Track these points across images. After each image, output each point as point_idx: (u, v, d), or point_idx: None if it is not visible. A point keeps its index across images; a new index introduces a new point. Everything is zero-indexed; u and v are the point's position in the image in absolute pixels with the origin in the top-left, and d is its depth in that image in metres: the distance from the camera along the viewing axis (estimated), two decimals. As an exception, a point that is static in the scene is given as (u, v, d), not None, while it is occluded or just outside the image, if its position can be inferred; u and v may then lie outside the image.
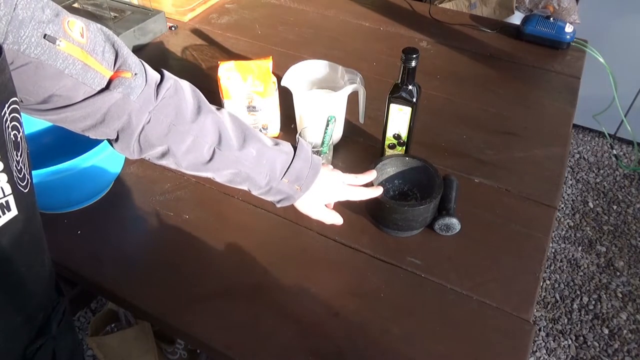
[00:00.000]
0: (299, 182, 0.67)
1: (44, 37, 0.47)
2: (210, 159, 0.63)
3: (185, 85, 0.62)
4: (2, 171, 0.41)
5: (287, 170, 0.66)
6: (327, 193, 0.71)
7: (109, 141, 0.60)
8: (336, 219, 0.75)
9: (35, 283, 0.53)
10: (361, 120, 0.97)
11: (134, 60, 0.56)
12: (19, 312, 0.51)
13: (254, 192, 0.68)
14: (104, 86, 0.53)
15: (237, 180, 0.66)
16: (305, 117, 0.92)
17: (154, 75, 0.59)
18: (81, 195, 0.83)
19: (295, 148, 0.68)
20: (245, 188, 0.68)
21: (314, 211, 0.72)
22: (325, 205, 0.73)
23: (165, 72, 0.60)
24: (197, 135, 0.60)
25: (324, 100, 0.93)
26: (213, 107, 0.64)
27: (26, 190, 0.46)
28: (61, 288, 0.61)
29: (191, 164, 0.63)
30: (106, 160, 0.78)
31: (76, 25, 0.52)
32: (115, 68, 0.54)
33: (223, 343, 0.67)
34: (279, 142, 0.68)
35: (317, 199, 0.71)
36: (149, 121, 0.58)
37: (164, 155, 0.61)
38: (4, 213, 0.43)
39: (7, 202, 0.43)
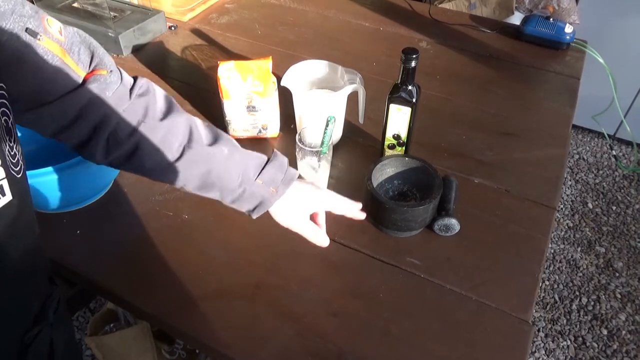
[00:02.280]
0: (274, 184, 0.64)
1: (26, 31, 0.48)
2: (179, 157, 0.60)
3: (158, 90, 0.62)
4: None
5: (261, 172, 0.64)
6: (306, 201, 0.68)
7: (76, 147, 0.59)
8: (321, 238, 0.70)
9: (29, 270, 0.54)
10: (361, 120, 0.97)
11: (109, 60, 0.57)
12: (15, 299, 0.51)
13: (227, 200, 0.65)
14: (79, 83, 0.54)
15: (208, 182, 0.62)
16: (305, 117, 0.92)
17: (129, 78, 0.60)
18: (81, 195, 0.83)
19: (269, 157, 0.66)
20: (216, 195, 0.64)
21: (295, 222, 0.68)
22: (311, 219, 0.70)
23: (139, 77, 0.61)
24: (167, 132, 0.59)
25: (324, 100, 0.93)
26: (183, 112, 0.63)
27: (19, 176, 0.47)
28: (54, 279, 0.62)
29: (157, 164, 0.60)
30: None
31: (55, 23, 0.53)
32: (91, 68, 0.55)
33: (223, 343, 0.67)
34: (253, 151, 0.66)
35: (296, 208, 0.67)
36: (120, 119, 0.58)
37: (130, 156, 0.60)
38: None
39: (1, 186, 0.44)
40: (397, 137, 0.87)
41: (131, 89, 0.59)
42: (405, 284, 0.74)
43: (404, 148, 0.89)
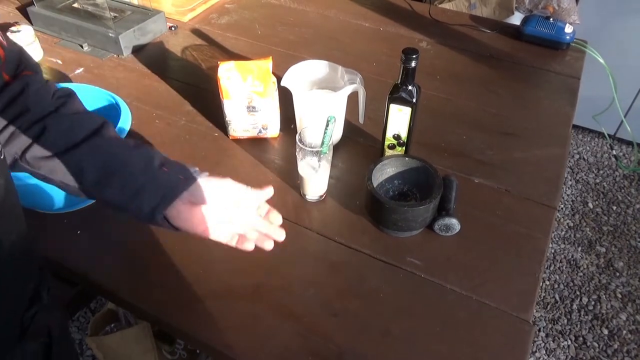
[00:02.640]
0: (185, 173, 0.58)
1: None
2: (81, 142, 0.56)
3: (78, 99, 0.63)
4: None
5: (167, 163, 0.59)
6: (219, 194, 0.59)
7: None
8: (246, 243, 0.63)
9: (22, 253, 0.55)
10: (361, 120, 0.97)
11: (35, 63, 0.60)
12: (11, 280, 0.53)
13: (127, 194, 0.56)
14: (2, 84, 0.55)
15: (108, 172, 0.56)
16: (305, 118, 0.92)
17: (53, 84, 0.62)
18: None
19: None
20: (115, 190, 0.56)
21: (210, 222, 0.59)
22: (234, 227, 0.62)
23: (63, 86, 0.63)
24: (74, 123, 0.58)
25: (324, 100, 0.93)
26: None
27: (2, 157, 0.48)
28: (44, 268, 0.63)
29: (59, 149, 0.56)
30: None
31: None
32: (17, 72, 0.57)
33: (224, 343, 0.67)
34: None
35: (210, 203, 0.59)
36: (35, 109, 0.57)
37: (36, 139, 0.56)
38: None
39: None
40: (397, 137, 0.87)
41: (54, 91, 0.61)
42: (405, 283, 0.74)
43: (404, 148, 0.89)
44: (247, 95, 0.91)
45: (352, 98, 0.94)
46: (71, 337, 0.78)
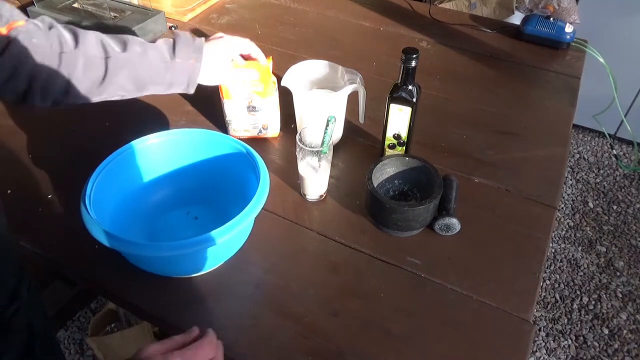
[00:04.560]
0: (191, 56, 0.73)
1: None
2: (106, 71, 0.67)
3: (54, 22, 0.67)
4: None
5: (174, 52, 0.72)
6: (225, 52, 0.78)
7: (16, 101, 0.65)
8: (249, 72, 0.84)
9: (4, 250, 0.58)
10: (361, 120, 0.97)
11: (18, 11, 0.62)
12: None
13: (161, 90, 0.74)
14: (6, 42, 0.59)
15: (140, 83, 0.71)
16: (306, 117, 0.92)
17: (43, 22, 0.65)
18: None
19: (173, 39, 0.74)
20: (152, 90, 0.73)
21: (222, 76, 0.80)
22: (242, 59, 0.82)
23: (38, 17, 0.66)
24: (85, 54, 0.66)
25: (324, 100, 0.93)
26: (87, 31, 0.69)
27: None
28: (23, 266, 0.65)
29: (91, 83, 0.67)
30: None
31: None
32: (4, 24, 0.60)
33: (223, 343, 0.67)
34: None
35: (216, 65, 0.77)
36: (46, 60, 0.63)
37: (67, 91, 0.66)
38: None
39: None
40: (397, 136, 0.87)
41: (50, 30, 0.64)
42: (405, 283, 0.74)
43: (404, 148, 0.89)
44: (247, 95, 0.91)
45: (353, 98, 0.94)
46: (54, 333, 0.80)
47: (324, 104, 0.91)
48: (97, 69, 0.67)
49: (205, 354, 0.56)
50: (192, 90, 0.76)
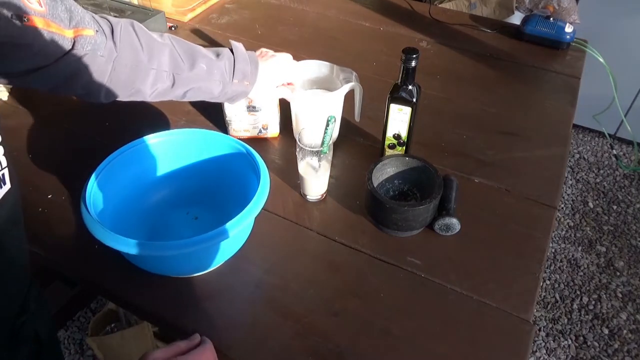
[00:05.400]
0: (247, 79, 0.77)
1: (12, 17, 0.49)
2: (173, 84, 0.71)
3: (129, 25, 0.66)
4: (0, 143, 0.43)
5: (234, 73, 0.75)
6: (274, 77, 0.82)
7: (79, 97, 0.65)
8: (286, 92, 0.87)
9: (22, 258, 0.56)
10: (357, 118, 0.97)
11: (90, 18, 0.61)
12: (12, 285, 0.54)
13: (212, 99, 0.78)
14: (70, 47, 0.57)
15: (198, 94, 0.75)
16: (302, 118, 0.92)
17: (107, 27, 0.63)
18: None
19: (232, 51, 0.77)
20: (204, 98, 0.77)
21: (269, 94, 0.85)
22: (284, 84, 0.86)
23: (110, 19, 0.65)
24: (157, 68, 0.68)
25: (320, 100, 0.93)
26: (157, 36, 0.69)
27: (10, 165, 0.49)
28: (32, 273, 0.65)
29: (158, 94, 0.71)
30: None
31: None
32: (72, 26, 0.57)
33: (223, 343, 0.67)
34: (219, 50, 0.76)
35: (268, 85, 0.81)
36: (114, 69, 0.63)
37: (132, 95, 0.69)
38: (1, 186, 0.45)
39: (3, 175, 0.45)
40: (397, 136, 0.87)
41: (113, 36, 0.63)
42: (405, 283, 0.74)
43: (404, 148, 0.89)
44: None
45: (351, 97, 0.93)
46: (59, 342, 0.81)
47: (319, 105, 0.91)
48: (164, 83, 0.70)
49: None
50: (234, 103, 0.82)
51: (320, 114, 0.85)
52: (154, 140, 0.79)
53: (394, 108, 0.83)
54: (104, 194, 0.71)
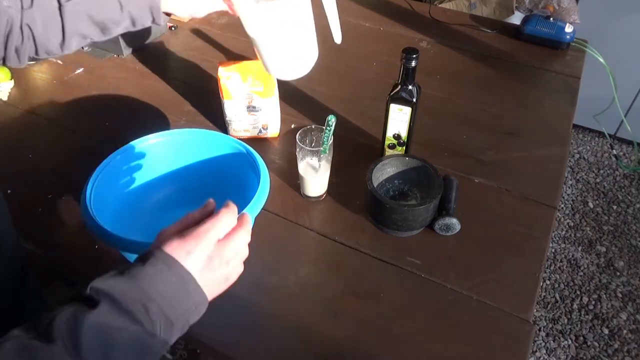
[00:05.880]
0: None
1: None
2: (63, 22, 0.64)
3: None
4: None
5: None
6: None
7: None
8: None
9: (8, 240, 0.59)
10: (337, 40, 0.80)
11: None
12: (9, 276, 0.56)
13: (127, 26, 0.70)
14: None
15: (102, 26, 0.68)
16: (263, 43, 0.77)
17: None
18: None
19: None
20: (120, 29, 0.70)
21: (197, 8, 0.81)
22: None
23: None
24: (41, 7, 0.62)
25: (277, 8, 0.75)
26: None
27: None
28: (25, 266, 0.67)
29: (55, 37, 0.65)
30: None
31: None
32: None
33: (224, 343, 0.67)
34: None
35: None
36: (22, 22, 0.61)
37: (36, 49, 0.64)
38: None
39: None
40: (397, 136, 0.87)
41: None
42: (405, 283, 0.74)
43: (404, 148, 0.89)
44: (247, 95, 0.91)
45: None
46: None
47: (278, 16, 0.75)
48: (55, 22, 0.64)
49: (222, 227, 0.49)
50: (161, 22, 0.72)
51: (285, 32, 0.72)
52: (154, 140, 0.79)
53: (394, 108, 0.83)
54: (104, 193, 0.71)
